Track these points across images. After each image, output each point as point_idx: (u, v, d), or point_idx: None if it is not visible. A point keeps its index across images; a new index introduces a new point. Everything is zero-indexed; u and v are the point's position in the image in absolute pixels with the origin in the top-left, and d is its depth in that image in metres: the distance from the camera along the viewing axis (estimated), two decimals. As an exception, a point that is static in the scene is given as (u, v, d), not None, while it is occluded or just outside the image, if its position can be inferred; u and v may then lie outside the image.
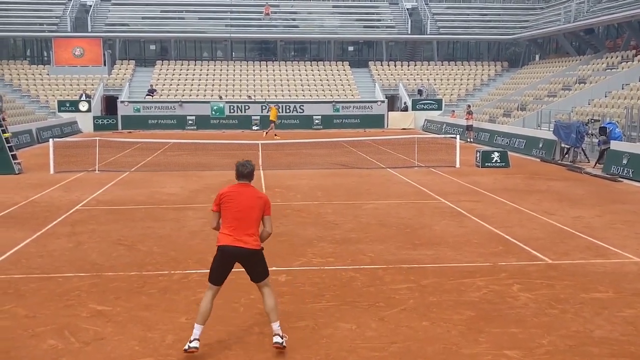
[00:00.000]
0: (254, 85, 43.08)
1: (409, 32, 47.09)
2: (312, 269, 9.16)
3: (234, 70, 45.21)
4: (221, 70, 45.22)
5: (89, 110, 38.39)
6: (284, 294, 8.05)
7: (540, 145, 24.21)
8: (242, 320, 7.18)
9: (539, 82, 37.35)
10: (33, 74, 42.86)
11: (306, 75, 44.85)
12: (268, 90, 42.48)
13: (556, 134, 22.88)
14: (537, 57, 46.73)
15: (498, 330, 6.84)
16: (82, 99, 38.80)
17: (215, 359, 6.16)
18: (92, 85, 41.40)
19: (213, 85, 43.00)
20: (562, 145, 22.65)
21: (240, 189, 6.39)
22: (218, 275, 6.30)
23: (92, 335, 6.71)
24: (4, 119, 20.71)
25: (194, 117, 39.05)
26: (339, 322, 7.07)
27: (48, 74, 42.73)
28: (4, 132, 19.56)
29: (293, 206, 14.01)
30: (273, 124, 33.34)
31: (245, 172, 6.44)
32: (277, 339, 6.20)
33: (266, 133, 32.40)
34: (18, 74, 42.50)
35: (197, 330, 6.14)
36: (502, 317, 7.25)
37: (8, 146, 19.49)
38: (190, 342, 6.08)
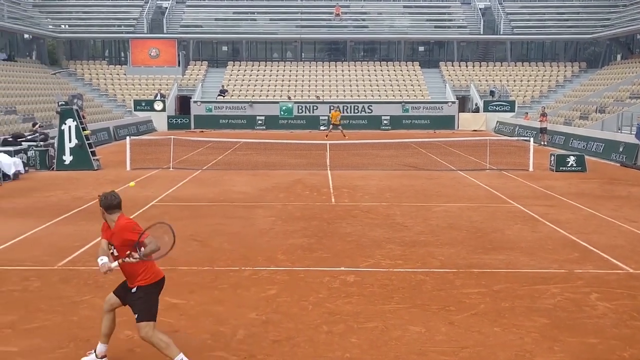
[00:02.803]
0: (323, 86, 43.27)
1: (482, 32, 46.23)
2: (380, 271, 9.12)
3: (303, 70, 45.55)
4: (290, 70, 45.65)
5: (163, 110, 39.53)
6: (352, 294, 8.05)
7: (621, 149, 23.26)
8: (311, 318, 7.22)
9: (620, 84, 35.88)
10: (111, 74, 44.47)
11: (375, 75, 44.70)
12: (337, 91, 42.58)
13: (639, 137, 21.93)
14: (618, 57, 44.89)
15: (574, 340, 6.61)
16: (157, 98, 39.98)
17: (284, 357, 6.21)
18: (167, 85, 42.58)
19: (282, 85, 43.47)
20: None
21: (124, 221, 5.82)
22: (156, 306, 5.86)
23: (167, 327, 6.88)
24: (83, 117, 21.55)
25: (263, 117, 39.59)
26: (408, 325, 7.01)
27: (125, 74, 44.23)
28: (83, 129, 20.36)
29: (361, 207, 13.98)
30: (332, 126, 33.16)
31: (116, 203, 5.85)
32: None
33: (327, 135, 32.25)
34: (97, 74, 44.19)
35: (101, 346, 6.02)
36: (578, 326, 7.01)
37: (87, 143, 20.30)
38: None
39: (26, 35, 44.28)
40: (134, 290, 5.76)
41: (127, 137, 21.75)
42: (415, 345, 6.45)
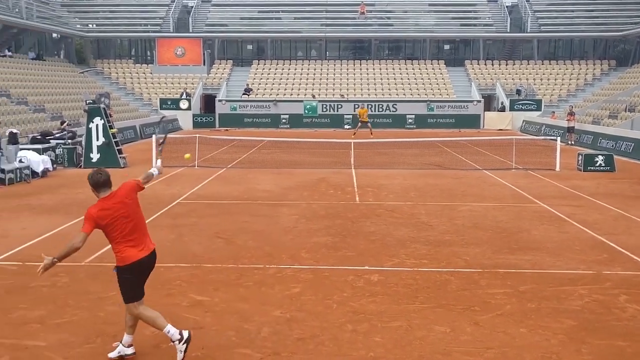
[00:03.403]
0: (347, 85, 43.21)
1: (508, 30, 45.76)
2: (405, 270, 9.08)
3: (328, 69, 45.54)
4: (315, 69, 45.67)
5: (188, 109, 39.82)
6: (377, 293, 8.03)
7: (650, 149, 22.88)
8: (335, 317, 7.21)
9: (650, 82, 35.28)
10: (137, 73, 44.92)
11: (400, 74, 44.52)
12: (361, 90, 42.50)
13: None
14: (648, 55, 44.15)
15: (603, 342, 6.52)
16: (182, 97, 40.30)
17: (309, 355, 6.22)
18: (192, 84, 42.89)
19: (307, 84, 43.50)
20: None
21: (111, 202, 5.81)
22: (139, 289, 6.00)
23: (192, 324, 6.94)
24: (110, 115, 21.80)
25: (287, 116, 39.66)
26: (432, 324, 6.97)
27: (151, 73, 44.65)
28: (110, 127, 20.60)
29: (385, 206, 13.94)
30: (360, 124, 33.22)
31: (101, 181, 5.81)
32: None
33: (354, 133, 32.21)
34: (124, 73, 44.67)
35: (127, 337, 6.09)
36: (607, 328, 6.90)
37: (114, 141, 20.53)
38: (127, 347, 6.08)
39: (55, 35, 44.97)
40: (113, 269, 5.96)
41: (153, 135, 21.93)
42: (440, 345, 6.41)
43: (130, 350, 6.09)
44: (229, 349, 6.29)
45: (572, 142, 28.84)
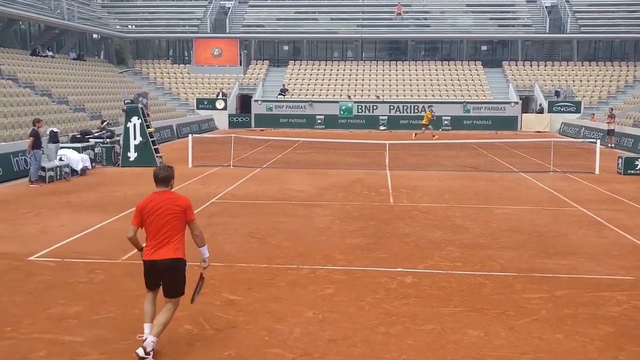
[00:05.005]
0: (383, 86, 43.04)
1: (547, 30, 45.01)
2: (439, 273, 9.01)
3: (364, 70, 45.43)
4: (351, 70, 45.60)
5: (224, 109, 40.17)
6: (410, 295, 7.98)
7: (692, 153, 22.27)
8: (367, 318, 7.19)
9: (692, 84, 34.33)
10: (175, 73, 45.49)
11: (436, 75, 44.17)
12: (397, 91, 42.29)
13: None
14: (692, 56, 43.00)
15: (641, 350, 6.38)
16: (219, 97, 40.67)
17: (340, 356, 6.21)
18: (229, 84, 43.24)
19: (342, 85, 43.47)
20: None
21: (159, 198, 6.08)
22: (148, 282, 6.29)
23: (225, 323, 7.00)
24: (148, 115, 22.11)
25: (322, 117, 39.69)
26: (466, 328, 6.90)
27: (188, 73, 45.15)
28: (148, 127, 20.90)
29: (420, 208, 13.85)
30: (423, 127, 32.49)
31: (160, 177, 6.13)
32: (141, 352, 5.92)
33: (415, 134, 31.79)
34: (161, 73, 45.28)
35: (146, 329, 6.18)
36: (645, 335, 6.75)
37: (151, 140, 20.82)
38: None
39: (95, 35, 45.86)
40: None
41: (190, 135, 22.19)
42: (474, 350, 6.34)
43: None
44: (261, 349, 6.32)
45: (612, 145, 28.24)
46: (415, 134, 31.68)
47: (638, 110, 35.11)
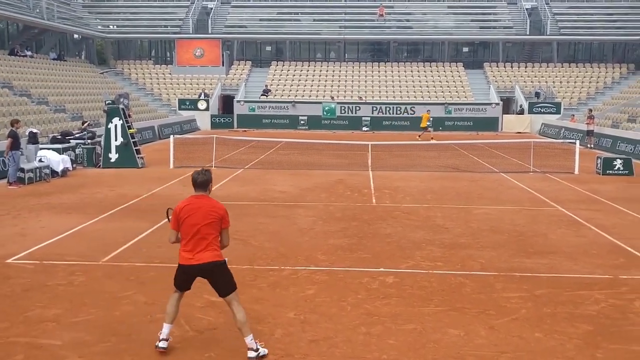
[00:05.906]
0: (366, 87, 43.17)
1: (528, 32, 45.41)
2: (420, 272, 9.05)
3: (346, 71, 45.53)
4: (334, 71, 45.68)
5: (207, 109, 40.04)
6: (391, 295, 8.01)
7: (670, 153, 22.59)
8: (349, 319, 7.21)
9: (670, 86, 34.82)
10: (157, 74, 45.24)
11: (418, 76, 44.39)
12: (379, 92, 42.43)
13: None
14: (668, 59, 43.62)
15: (618, 347, 6.46)
16: (201, 98, 40.52)
17: (322, 357, 6.22)
18: (211, 84, 43.09)
19: (325, 86, 43.53)
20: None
21: (197, 202, 6.12)
22: (180, 284, 6.31)
23: (206, 324, 6.98)
24: (129, 116, 21.97)
25: (305, 117, 39.72)
26: (447, 328, 6.95)
27: (170, 74, 44.93)
28: (129, 128, 20.76)
29: (402, 208, 13.91)
30: (423, 130, 32.41)
31: (198, 181, 6.15)
32: (250, 353, 6.01)
33: (419, 136, 31.75)
34: (143, 73, 45.02)
35: (165, 329, 6.22)
36: (623, 333, 6.84)
37: (133, 141, 20.70)
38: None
39: (76, 35, 45.48)
40: None
41: (171, 136, 22.08)
42: (454, 349, 6.39)
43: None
44: (242, 350, 6.30)
45: (591, 146, 28.57)
46: (419, 136, 31.58)
47: (617, 111, 35.55)
